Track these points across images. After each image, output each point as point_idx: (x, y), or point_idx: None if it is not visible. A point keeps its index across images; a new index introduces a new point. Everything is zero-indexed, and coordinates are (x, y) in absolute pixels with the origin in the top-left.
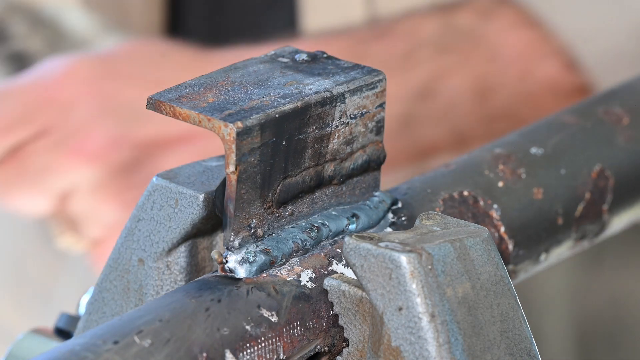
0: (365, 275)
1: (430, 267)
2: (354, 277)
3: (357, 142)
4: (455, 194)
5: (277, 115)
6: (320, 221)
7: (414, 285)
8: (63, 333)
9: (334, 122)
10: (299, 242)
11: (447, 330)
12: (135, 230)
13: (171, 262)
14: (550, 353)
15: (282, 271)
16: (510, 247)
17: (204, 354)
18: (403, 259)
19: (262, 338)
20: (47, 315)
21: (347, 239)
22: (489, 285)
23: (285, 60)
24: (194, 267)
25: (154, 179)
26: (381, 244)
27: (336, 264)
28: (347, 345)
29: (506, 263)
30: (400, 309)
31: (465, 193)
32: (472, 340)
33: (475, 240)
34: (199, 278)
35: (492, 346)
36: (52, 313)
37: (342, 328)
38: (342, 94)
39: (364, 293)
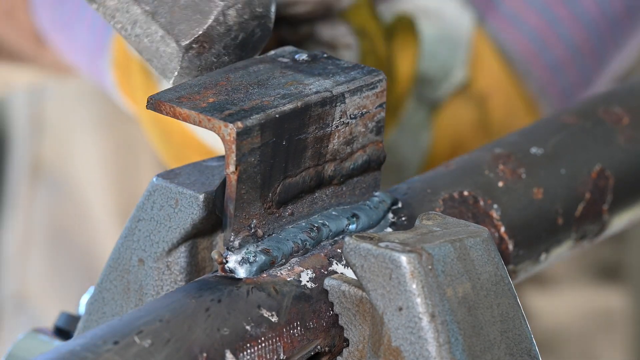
0: (365, 275)
1: (430, 267)
2: (354, 277)
3: (357, 142)
4: (455, 194)
5: (277, 116)
6: (320, 221)
7: (414, 286)
8: (63, 333)
9: (334, 122)
10: (299, 242)
11: (447, 330)
12: (135, 230)
13: (171, 262)
14: None
15: (282, 271)
16: (511, 247)
17: (204, 354)
18: (403, 259)
19: (262, 338)
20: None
21: (347, 239)
22: (489, 285)
23: (285, 60)
24: (194, 267)
25: (154, 179)
26: (381, 244)
27: (336, 264)
28: (347, 345)
29: (506, 263)
30: (400, 309)
31: (465, 193)
32: (472, 340)
33: (476, 241)
34: (199, 278)
35: (492, 346)
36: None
37: (342, 328)
38: (342, 94)
39: (364, 293)
